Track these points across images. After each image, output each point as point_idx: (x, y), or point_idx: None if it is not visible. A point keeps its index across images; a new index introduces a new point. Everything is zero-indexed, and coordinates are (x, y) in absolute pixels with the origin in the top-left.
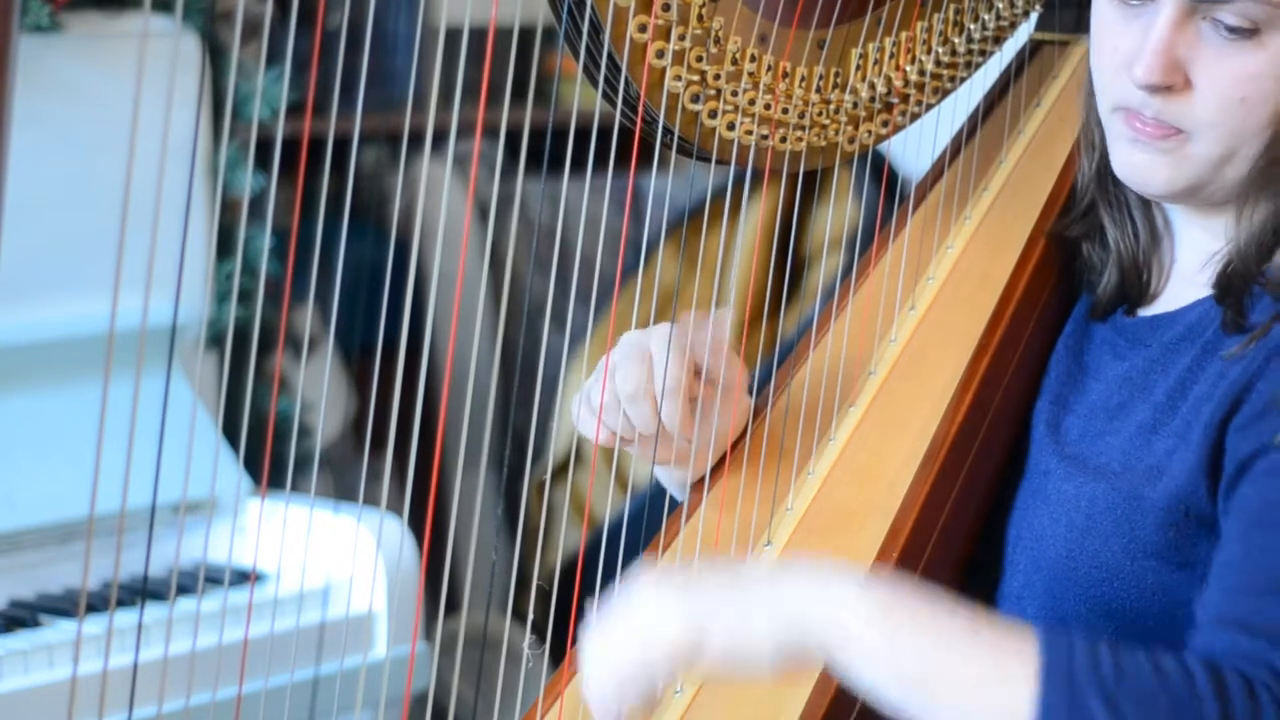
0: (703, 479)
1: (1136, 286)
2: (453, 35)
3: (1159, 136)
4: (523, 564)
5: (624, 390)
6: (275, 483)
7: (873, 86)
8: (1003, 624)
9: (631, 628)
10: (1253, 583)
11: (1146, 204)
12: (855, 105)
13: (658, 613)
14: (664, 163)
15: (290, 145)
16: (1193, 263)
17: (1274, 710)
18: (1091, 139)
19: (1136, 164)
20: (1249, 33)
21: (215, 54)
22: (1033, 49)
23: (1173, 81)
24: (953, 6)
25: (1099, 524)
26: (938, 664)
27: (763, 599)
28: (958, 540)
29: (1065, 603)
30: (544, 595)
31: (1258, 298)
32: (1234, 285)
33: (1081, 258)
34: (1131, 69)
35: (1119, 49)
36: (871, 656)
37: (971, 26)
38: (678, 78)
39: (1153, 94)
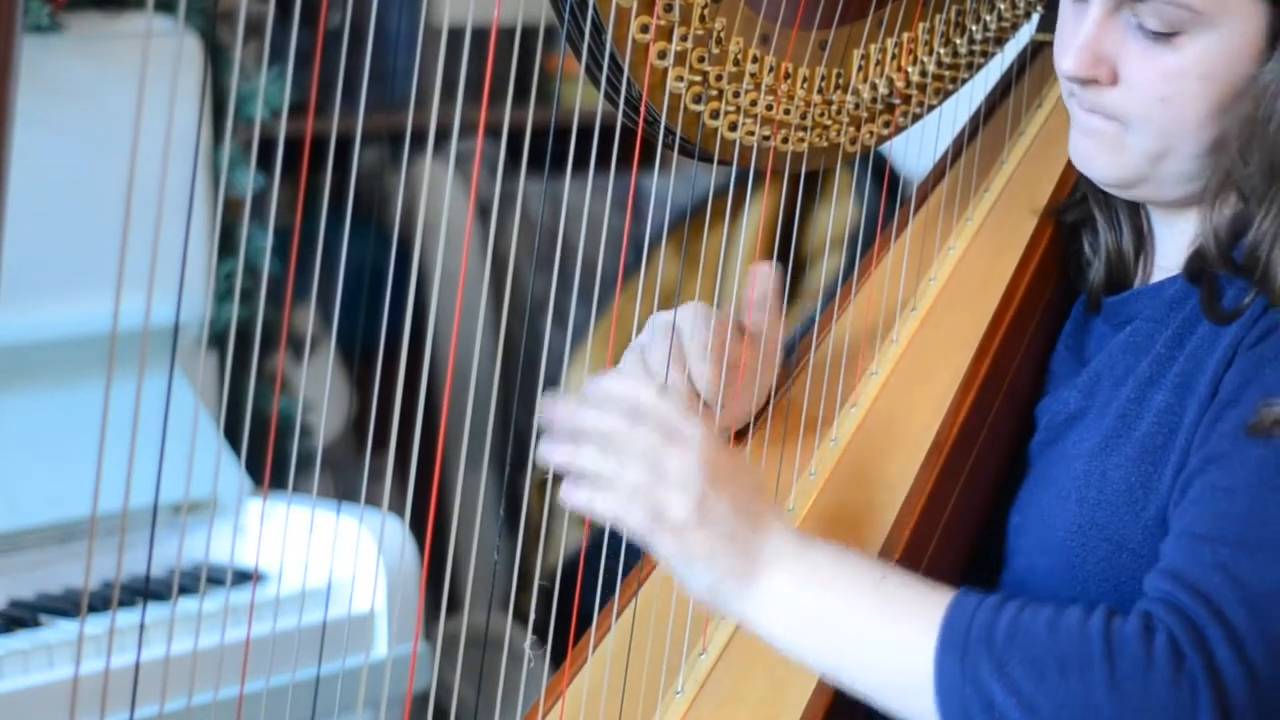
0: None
1: (1124, 278)
2: (454, 35)
3: (1098, 121)
4: (524, 564)
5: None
6: (276, 483)
7: (874, 87)
8: (923, 589)
9: (656, 444)
10: (1193, 531)
11: (1133, 204)
12: (857, 106)
13: (681, 485)
14: (664, 163)
15: (291, 145)
16: (1172, 256)
17: (1168, 657)
18: None
19: (1081, 149)
20: (1168, 35)
21: (216, 53)
22: (1034, 50)
23: (1097, 75)
24: (954, 7)
25: (1109, 496)
26: (847, 631)
27: (723, 563)
28: (960, 540)
29: (1072, 582)
30: (545, 595)
31: (1230, 280)
32: (1205, 271)
33: (1077, 246)
34: (1059, 61)
35: (1063, 42)
36: (786, 623)
37: (973, 27)
38: (679, 78)
39: (1082, 86)
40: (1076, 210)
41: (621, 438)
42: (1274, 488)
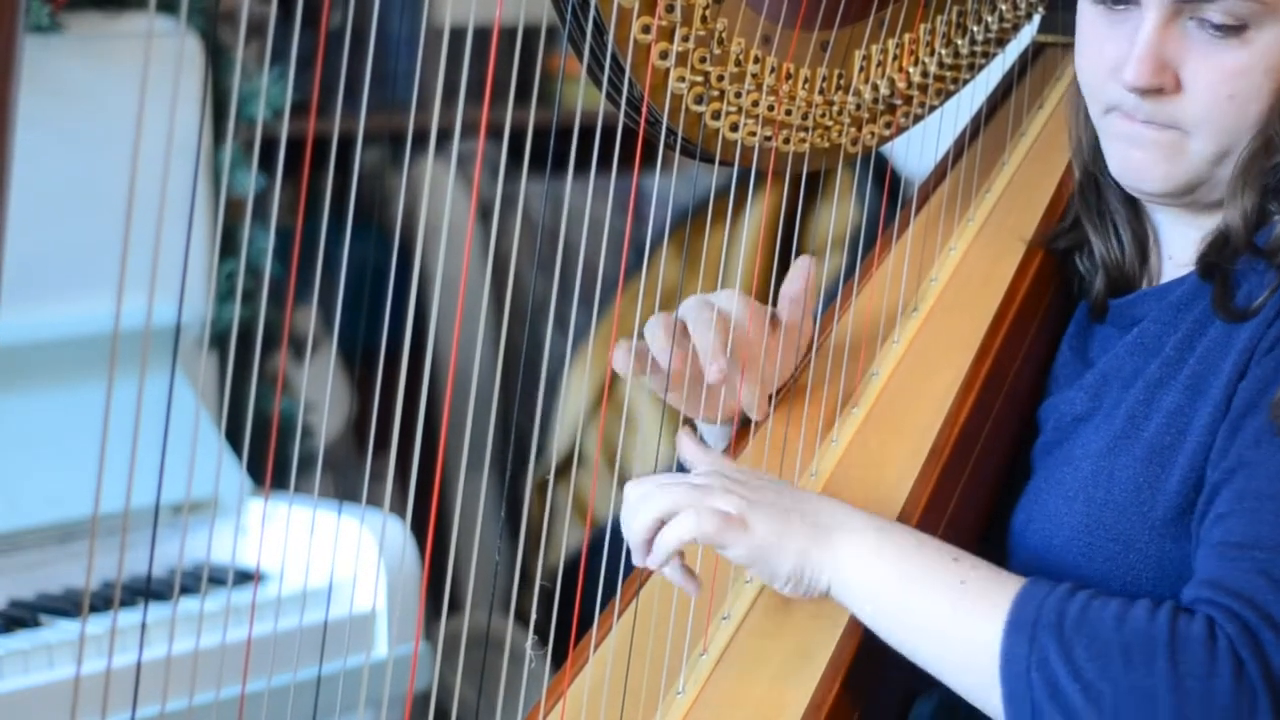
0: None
1: (1129, 287)
2: (455, 35)
3: (1155, 130)
4: (524, 564)
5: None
6: (277, 483)
7: (876, 88)
8: (994, 574)
9: (692, 483)
10: (1230, 541)
11: (1132, 211)
12: (858, 107)
13: (720, 488)
14: (665, 163)
15: (292, 145)
16: (1185, 254)
17: (1230, 666)
18: (1078, 146)
19: (1133, 163)
20: (1236, 29)
21: (217, 54)
22: (1035, 51)
23: (1162, 83)
24: (956, 8)
25: (1117, 497)
26: (921, 609)
27: (799, 527)
28: (961, 540)
29: (1080, 581)
30: (546, 595)
31: (1245, 275)
32: (1221, 258)
33: (1071, 269)
34: (1120, 73)
35: (1105, 54)
36: (866, 596)
37: (974, 28)
38: (681, 79)
39: (1143, 97)
40: (1068, 237)
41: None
42: None
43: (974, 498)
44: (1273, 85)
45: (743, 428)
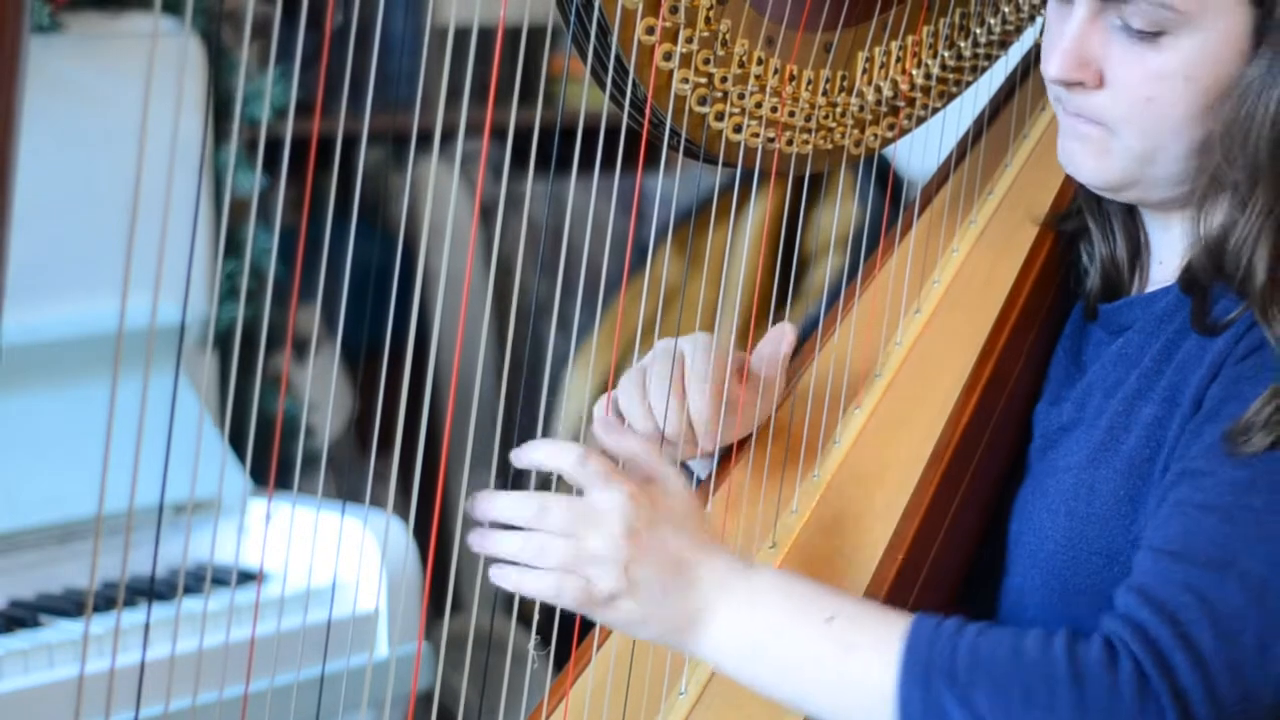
0: (710, 473)
1: (1119, 287)
2: (458, 35)
3: (1084, 124)
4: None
5: (657, 390)
6: (279, 483)
7: (879, 90)
8: (877, 615)
9: (582, 543)
10: (1165, 548)
11: (1128, 209)
12: (861, 109)
13: (606, 559)
14: (668, 164)
15: (294, 145)
16: (1170, 259)
17: (1134, 689)
18: None
19: (1066, 153)
20: (1153, 35)
21: (219, 54)
22: (1038, 53)
23: (1083, 78)
24: (958, 10)
25: (1099, 510)
26: (801, 660)
27: (667, 614)
28: (963, 543)
29: (1065, 594)
30: None
31: (1222, 291)
32: (1197, 281)
33: (1074, 255)
34: (1044, 65)
35: (1050, 44)
36: (738, 671)
37: (977, 31)
38: (685, 80)
39: (1067, 89)
40: (1074, 220)
41: (538, 524)
42: (1247, 508)
43: (975, 499)
44: (1196, 91)
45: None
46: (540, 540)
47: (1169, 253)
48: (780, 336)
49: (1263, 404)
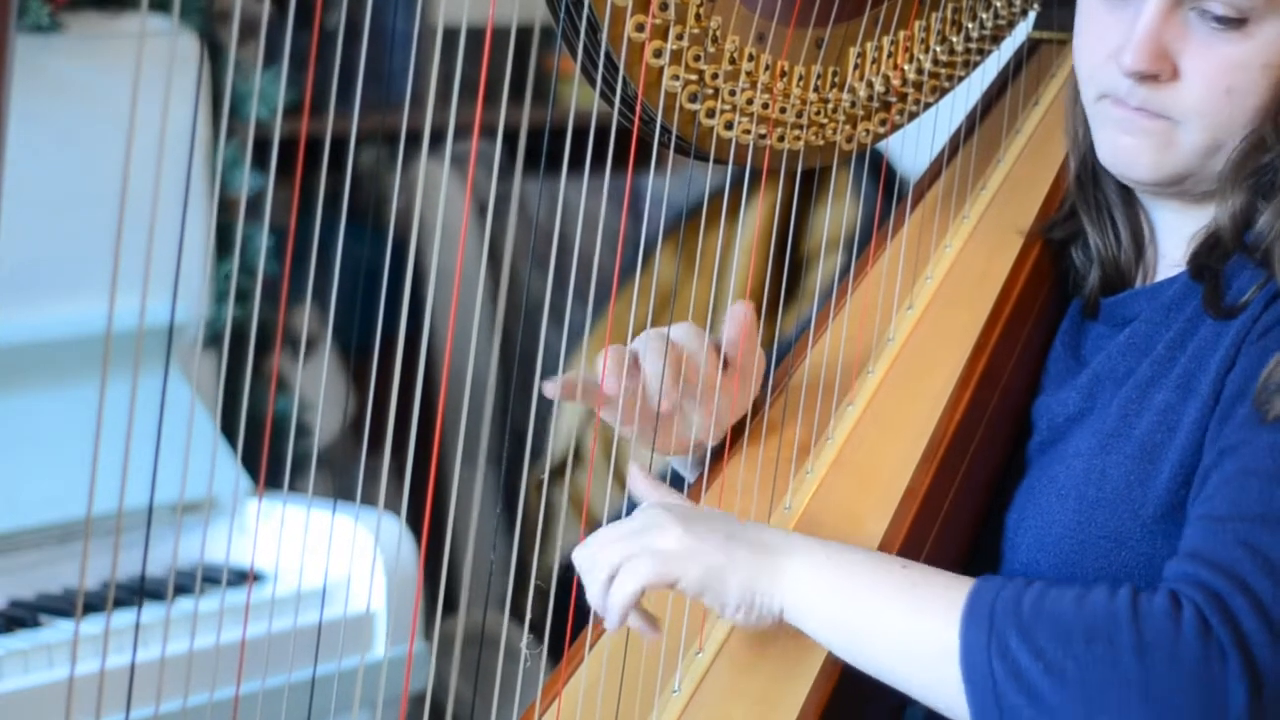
0: (702, 473)
1: (1121, 286)
2: (451, 34)
3: (1147, 119)
4: (521, 563)
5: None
6: (274, 482)
7: (871, 85)
8: (945, 576)
9: (633, 528)
10: (1212, 514)
11: (1129, 204)
12: (853, 104)
13: (659, 525)
14: (663, 162)
15: (289, 144)
16: (1177, 251)
17: (1196, 631)
18: (1076, 138)
19: (1122, 149)
20: (1236, 22)
21: (214, 53)
22: (1031, 47)
23: (1160, 69)
24: (951, 5)
25: (1108, 494)
26: (876, 616)
27: (743, 555)
28: (956, 537)
29: (1073, 581)
30: (542, 594)
31: (1236, 274)
32: (1212, 258)
33: (1068, 261)
34: (1119, 57)
35: (1105, 39)
36: (818, 614)
37: (970, 25)
38: (675, 77)
39: (1140, 82)
40: (1063, 228)
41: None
42: None
43: (970, 494)
44: (1270, 81)
45: (735, 432)
46: (609, 550)
47: (1173, 242)
48: (738, 316)
49: (1276, 364)
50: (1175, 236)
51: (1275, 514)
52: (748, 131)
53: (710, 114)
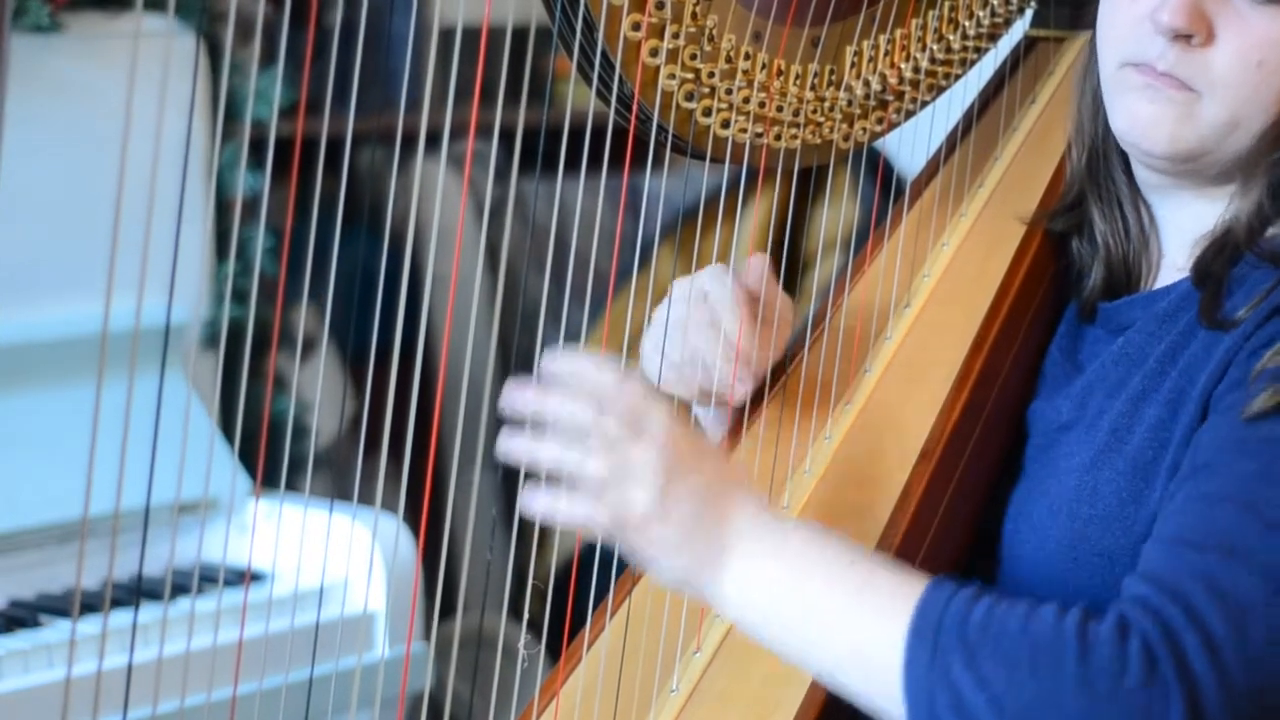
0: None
1: (1124, 284)
2: (449, 35)
3: (1171, 87)
4: (520, 563)
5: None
6: (272, 482)
7: (868, 84)
8: (898, 574)
9: (622, 438)
10: (1177, 537)
11: (1135, 197)
12: (850, 103)
13: (639, 478)
14: (660, 161)
15: (287, 145)
16: (1180, 253)
17: (1141, 660)
18: (1082, 127)
19: (1141, 118)
20: None
21: (213, 54)
22: (1027, 45)
23: (1197, 30)
24: (947, 3)
25: (1101, 511)
26: (816, 610)
27: (698, 545)
28: (953, 537)
29: (1065, 596)
30: (541, 594)
31: (1239, 283)
32: (1218, 263)
33: (1069, 255)
34: (1156, 15)
35: (1139, 3)
36: (755, 603)
37: (966, 23)
38: (671, 76)
39: (1174, 41)
40: (1065, 219)
41: (586, 426)
42: (1258, 498)
43: (966, 494)
44: None
45: (736, 424)
46: (584, 447)
47: (1176, 243)
48: (757, 267)
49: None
50: (1180, 237)
51: (1242, 548)
52: (745, 130)
53: (707, 113)
